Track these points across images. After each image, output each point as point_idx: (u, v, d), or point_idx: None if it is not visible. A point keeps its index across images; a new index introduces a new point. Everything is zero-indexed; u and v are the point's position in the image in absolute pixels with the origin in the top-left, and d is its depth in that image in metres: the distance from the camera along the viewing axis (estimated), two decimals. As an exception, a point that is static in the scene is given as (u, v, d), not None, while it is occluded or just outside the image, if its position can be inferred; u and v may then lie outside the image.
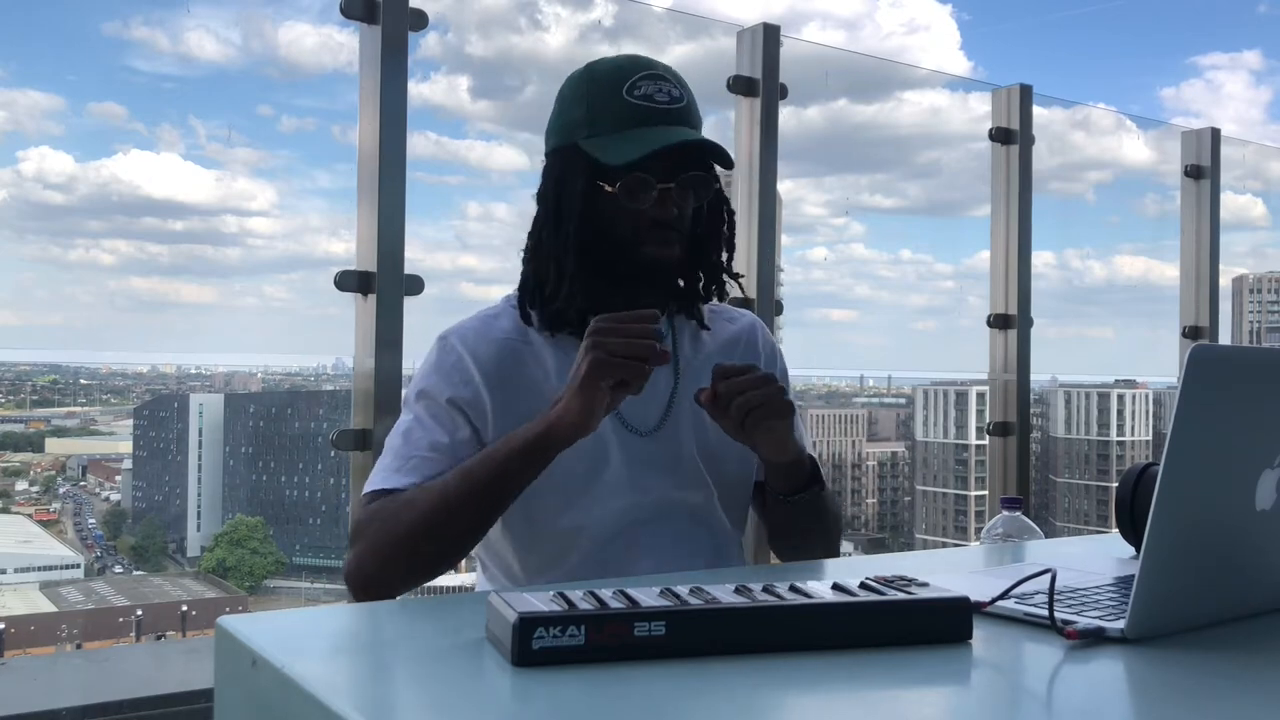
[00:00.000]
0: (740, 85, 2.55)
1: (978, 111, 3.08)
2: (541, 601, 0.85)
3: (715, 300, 1.53)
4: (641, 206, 1.36)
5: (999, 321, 2.99)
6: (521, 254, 1.47)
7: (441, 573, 1.36)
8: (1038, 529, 1.63)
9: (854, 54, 4.64)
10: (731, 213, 1.50)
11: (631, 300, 1.40)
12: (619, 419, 1.42)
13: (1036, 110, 3.02)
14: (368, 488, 1.37)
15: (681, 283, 1.48)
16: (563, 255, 1.39)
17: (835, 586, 0.92)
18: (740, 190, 2.57)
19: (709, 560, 1.46)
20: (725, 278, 1.50)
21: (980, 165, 3.08)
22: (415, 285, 2.10)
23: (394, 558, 1.30)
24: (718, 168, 1.44)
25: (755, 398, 1.28)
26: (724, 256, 1.49)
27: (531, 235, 1.46)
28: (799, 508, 1.44)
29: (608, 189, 1.36)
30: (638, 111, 1.36)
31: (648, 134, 1.35)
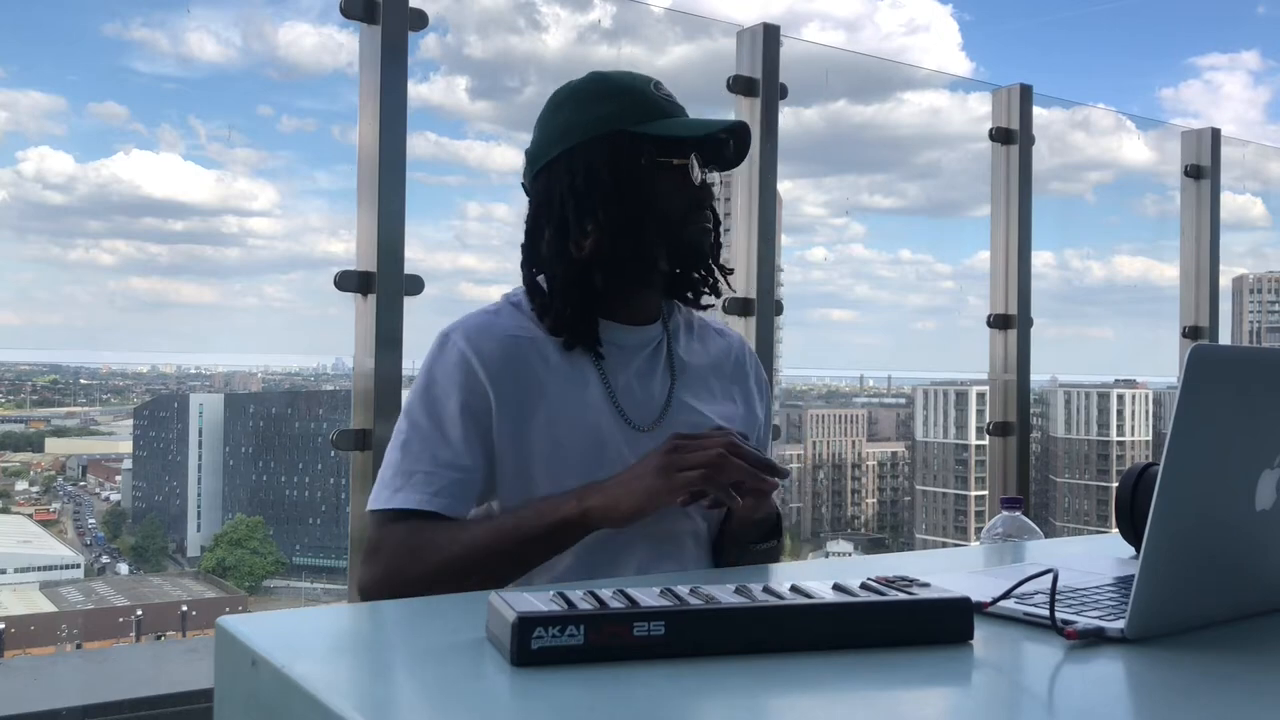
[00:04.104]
0: (740, 85, 2.55)
1: (978, 112, 3.09)
2: (541, 601, 0.85)
3: (713, 295, 1.55)
4: (696, 183, 1.43)
5: (999, 321, 2.99)
6: (525, 254, 1.47)
7: None
8: (1038, 529, 1.63)
9: (854, 54, 4.64)
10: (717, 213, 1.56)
11: (643, 288, 1.47)
12: (622, 416, 1.43)
13: (1036, 110, 3.02)
14: (375, 505, 1.37)
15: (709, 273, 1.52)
16: (619, 236, 1.40)
17: (836, 587, 0.92)
18: (740, 190, 2.58)
19: (705, 544, 1.50)
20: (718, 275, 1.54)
21: (980, 165, 3.08)
22: (415, 285, 2.10)
23: (409, 594, 1.31)
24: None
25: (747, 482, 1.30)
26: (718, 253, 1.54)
27: (550, 222, 1.43)
28: (757, 555, 1.47)
29: (675, 162, 1.42)
30: (670, 105, 1.45)
31: (697, 122, 1.44)
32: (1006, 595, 0.98)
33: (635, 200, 1.40)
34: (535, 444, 1.39)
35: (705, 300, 1.54)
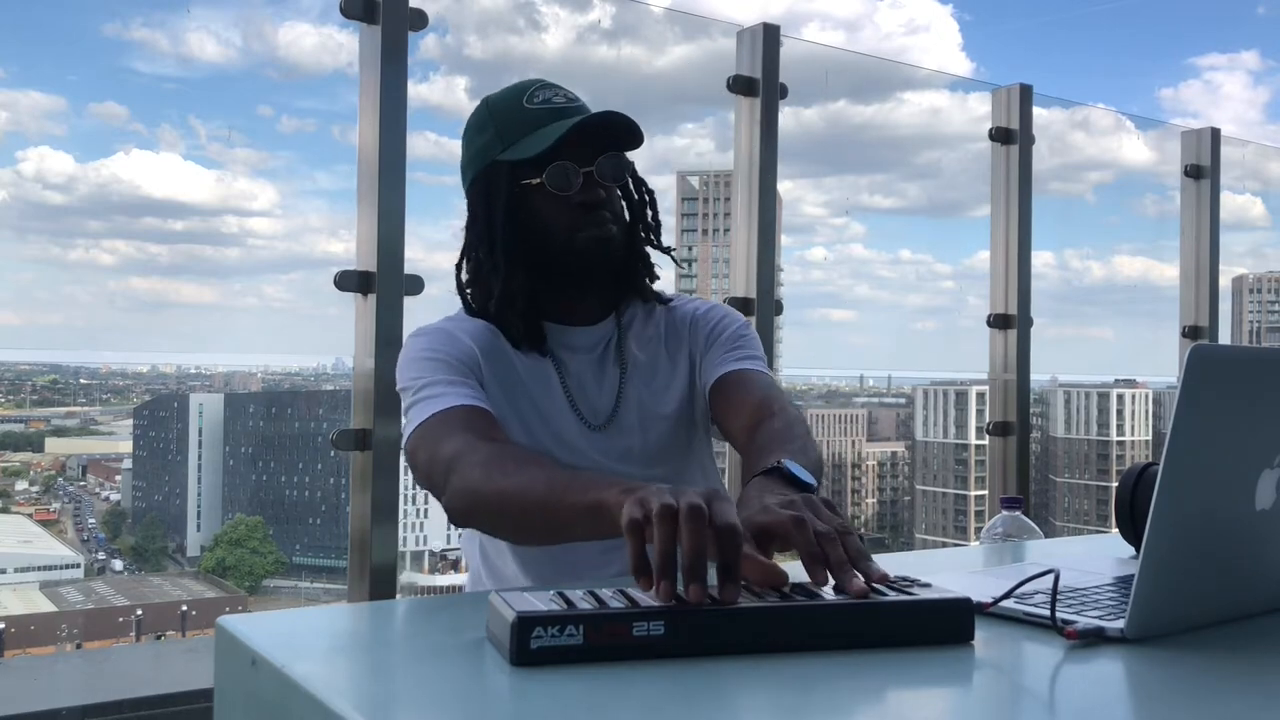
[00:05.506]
0: (740, 85, 2.56)
1: (978, 112, 3.09)
2: (541, 601, 0.85)
3: (648, 280, 1.54)
4: (568, 192, 1.40)
5: (999, 321, 2.99)
6: (456, 283, 1.50)
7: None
8: (1037, 529, 1.63)
9: (854, 54, 4.64)
10: (651, 191, 1.53)
11: (579, 292, 1.46)
12: (576, 414, 1.45)
13: (1036, 110, 3.02)
14: (418, 419, 1.33)
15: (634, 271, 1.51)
16: (504, 265, 1.43)
17: (837, 586, 0.92)
18: (740, 190, 2.58)
19: None
20: (654, 258, 1.53)
21: (980, 165, 3.08)
22: (415, 285, 2.10)
23: (488, 510, 1.24)
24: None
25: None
26: (650, 235, 1.52)
27: (469, 260, 1.48)
28: None
29: (534, 183, 1.41)
30: (541, 113, 1.43)
31: (556, 127, 1.40)
32: (1007, 595, 0.98)
33: (519, 226, 1.43)
34: (511, 426, 1.40)
35: (657, 286, 1.55)
